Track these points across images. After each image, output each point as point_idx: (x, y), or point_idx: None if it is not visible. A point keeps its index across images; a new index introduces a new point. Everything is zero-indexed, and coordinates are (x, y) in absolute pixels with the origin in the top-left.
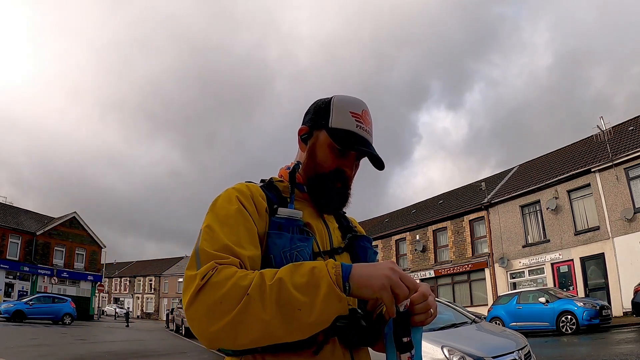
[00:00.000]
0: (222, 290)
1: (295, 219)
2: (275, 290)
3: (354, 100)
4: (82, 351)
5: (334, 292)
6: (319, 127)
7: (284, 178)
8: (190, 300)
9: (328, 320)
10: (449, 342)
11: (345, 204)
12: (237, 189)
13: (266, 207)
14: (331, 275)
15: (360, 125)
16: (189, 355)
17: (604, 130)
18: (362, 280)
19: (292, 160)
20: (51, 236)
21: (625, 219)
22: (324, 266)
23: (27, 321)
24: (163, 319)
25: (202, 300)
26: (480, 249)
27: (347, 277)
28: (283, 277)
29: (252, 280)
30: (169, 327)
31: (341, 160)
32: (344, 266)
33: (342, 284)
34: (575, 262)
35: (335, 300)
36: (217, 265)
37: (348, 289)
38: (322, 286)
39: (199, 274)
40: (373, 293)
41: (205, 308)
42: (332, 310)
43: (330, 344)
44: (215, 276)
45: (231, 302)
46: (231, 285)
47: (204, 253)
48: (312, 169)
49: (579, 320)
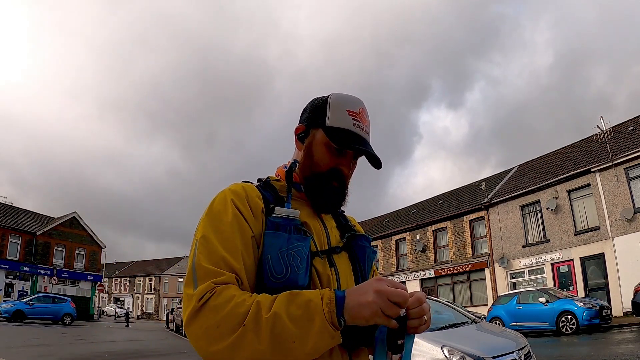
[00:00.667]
0: (219, 315)
1: (292, 219)
2: (270, 323)
3: (351, 99)
4: (82, 351)
5: (327, 330)
6: (315, 126)
7: (280, 177)
8: (189, 321)
9: (320, 352)
10: (449, 342)
11: (342, 203)
12: (232, 190)
13: (262, 207)
14: (325, 313)
15: (357, 124)
16: (189, 355)
17: (604, 130)
18: (354, 312)
19: (290, 159)
20: (51, 236)
21: (625, 219)
22: (320, 300)
23: (27, 321)
24: (163, 319)
25: (200, 322)
26: (480, 249)
27: (341, 312)
28: (278, 311)
29: (249, 308)
30: (169, 327)
31: (338, 159)
32: (338, 298)
33: (337, 321)
34: (575, 262)
35: (327, 337)
36: (215, 287)
37: (343, 323)
38: (316, 321)
39: (196, 295)
40: (367, 322)
41: (203, 330)
42: (325, 345)
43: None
44: (214, 299)
45: (228, 328)
46: (228, 311)
47: (201, 269)
48: (309, 168)
49: (579, 320)
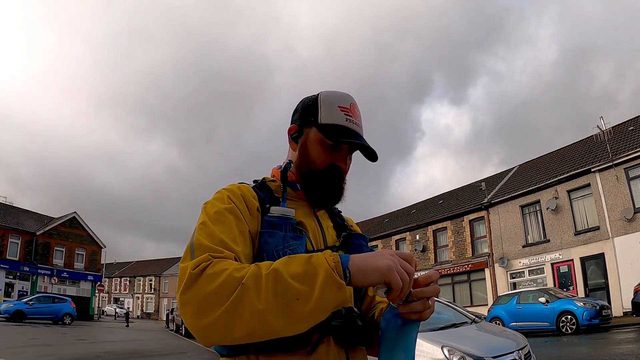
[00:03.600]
0: (216, 282)
1: (288, 218)
2: (271, 279)
3: (341, 95)
4: (82, 351)
5: (333, 279)
6: (308, 125)
7: (276, 178)
8: (184, 291)
9: (327, 310)
10: (449, 342)
11: (340, 197)
12: (228, 189)
13: (258, 206)
14: (329, 263)
15: (349, 119)
16: (189, 355)
17: (604, 130)
18: (367, 267)
19: (284, 160)
20: (51, 236)
21: (625, 219)
22: (321, 255)
23: (27, 321)
24: (163, 319)
25: (195, 291)
26: (480, 249)
27: (346, 265)
28: (279, 267)
29: (248, 270)
30: (169, 327)
31: (334, 155)
32: (342, 255)
33: (341, 271)
34: (575, 262)
35: (334, 288)
36: (212, 258)
37: (349, 277)
38: (319, 274)
39: (191, 264)
40: (381, 276)
41: (199, 299)
42: (331, 299)
43: (325, 344)
44: (210, 268)
45: (225, 292)
46: (226, 276)
47: (200, 245)
48: (305, 166)
49: (579, 320)
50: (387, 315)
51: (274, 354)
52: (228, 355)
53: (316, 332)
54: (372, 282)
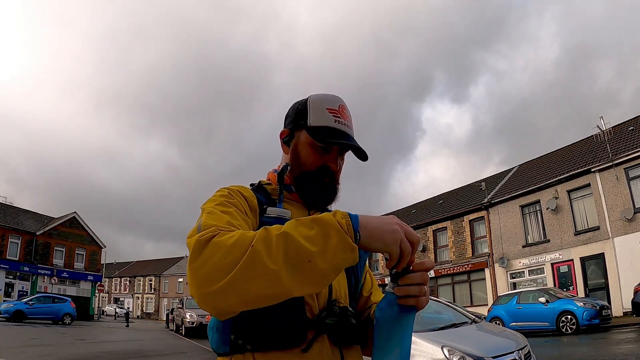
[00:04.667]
0: (225, 246)
1: (284, 218)
2: (282, 241)
3: (329, 97)
4: (82, 351)
5: (346, 242)
6: (299, 128)
7: (272, 181)
8: (192, 258)
9: (340, 269)
10: (449, 342)
11: (333, 198)
12: (228, 187)
13: (257, 206)
14: (342, 225)
15: (338, 120)
16: (189, 355)
17: (604, 130)
18: (374, 232)
19: (279, 164)
20: (51, 236)
21: (625, 219)
22: (331, 216)
23: (27, 321)
24: (163, 319)
25: (205, 257)
26: (480, 249)
27: (357, 226)
28: (289, 231)
29: (257, 233)
30: (169, 327)
31: (324, 156)
32: (352, 215)
33: (352, 233)
34: (575, 262)
35: (347, 251)
36: (219, 230)
37: (358, 238)
38: (332, 236)
39: (200, 234)
40: (385, 246)
41: (209, 265)
42: (343, 261)
43: (319, 342)
44: (218, 237)
45: (236, 255)
46: (235, 240)
47: (207, 224)
48: (297, 168)
49: (579, 320)
50: (382, 304)
51: (270, 352)
52: (225, 354)
53: (311, 330)
54: (376, 249)
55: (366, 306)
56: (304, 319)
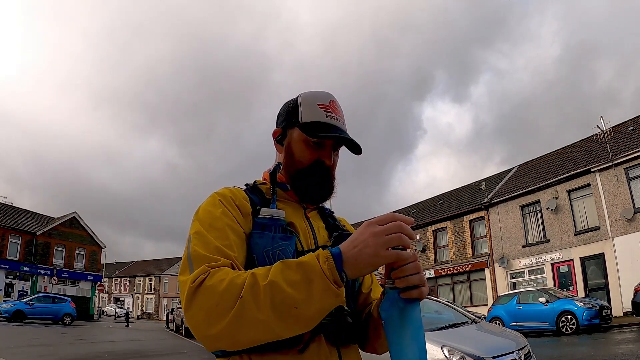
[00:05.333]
0: (216, 293)
1: (277, 219)
2: (268, 291)
3: (319, 94)
4: (82, 351)
5: (330, 290)
6: (291, 126)
7: (267, 180)
8: (187, 305)
9: (326, 312)
10: (449, 342)
11: (330, 193)
12: (219, 193)
13: (250, 209)
14: (324, 271)
15: (330, 115)
16: (189, 355)
17: (604, 130)
18: (361, 264)
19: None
20: (51, 236)
21: (625, 219)
22: (315, 259)
23: (27, 321)
24: (163, 319)
25: (198, 304)
26: (480, 249)
27: (341, 267)
28: (275, 279)
29: (245, 280)
30: (169, 327)
31: (318, 151)
32: (335, 255)
33: (338, 276)
34: (575, 262)
35: (331, 297)
36: (210, 269)
37: (345, 278)
38: (316, 282)
39: (190, 278)
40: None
41: (203, 312)
42: (330, 305)
43: (316, 342)
44: (209, 279)
45: (227, 305)
46: (225, 287)
47: (197, 256)
48: (292, 166)
49: (579, 320)
50: (385, 304)
51: (266, 354)
52: (223, 356)
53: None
54: (368, 273)
55: (366, 303)
56: None
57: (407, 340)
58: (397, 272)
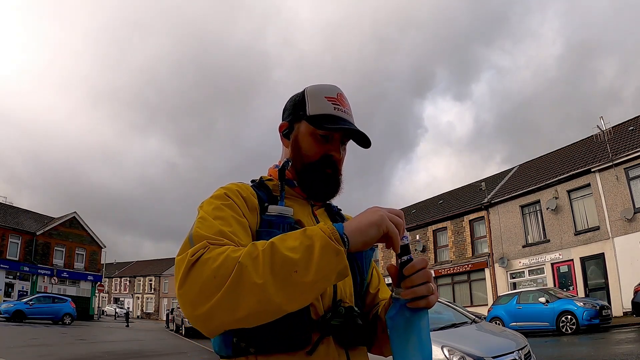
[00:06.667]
0: (214, 265)
1: (285, 217)
2: (267, 254)
3: (327, 86)
4: (82, 351)
5: (330, 246)
6: (298, 119)
7: (273, 177)
8: (182, 280)
9: (328, 278)
10: (449, 342)
11: (338, 189)
12: (226, 187)
13: (257, 205)
14: (324, 231)
15: (337, 107)
16: (189, 355)
17: (604, 130)
18: (361, 224)
19: (280, 159)
20: (51, 236)
21: (625, 219)
22: (315, 226)
23: (27, 321)
24: (163, 319)
25: (194, 277)
26: (480, 249)
27: (342, 231)
28: (275, 242)
29: (244, 250)
30: (169, 327)
31: (326, 145)
32: (336, 224)
33: (339, 237)
34: (575, 262)
35: (332, 254)
36: (209, 245)
37: (347, 242)
38: (316, 243)
39: (191, 252)
40: (378, 228)
41: (199, 286)
42: (331, 266)
43: (324, 344)
44: (207, 253)
45: (224, 274)
46: (223, 258)
47: (198, 236)
48: (299, 161)
49: (579, 320)
50: (392, 312)
51: (274, 355)
52: (228, 357)
53: (316, 332)
54: (372, 237)
55: (374, 303)
56: (309, 320)
57: (412, 351)
58: (407, 281)
